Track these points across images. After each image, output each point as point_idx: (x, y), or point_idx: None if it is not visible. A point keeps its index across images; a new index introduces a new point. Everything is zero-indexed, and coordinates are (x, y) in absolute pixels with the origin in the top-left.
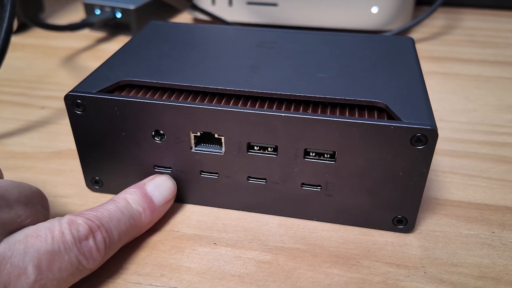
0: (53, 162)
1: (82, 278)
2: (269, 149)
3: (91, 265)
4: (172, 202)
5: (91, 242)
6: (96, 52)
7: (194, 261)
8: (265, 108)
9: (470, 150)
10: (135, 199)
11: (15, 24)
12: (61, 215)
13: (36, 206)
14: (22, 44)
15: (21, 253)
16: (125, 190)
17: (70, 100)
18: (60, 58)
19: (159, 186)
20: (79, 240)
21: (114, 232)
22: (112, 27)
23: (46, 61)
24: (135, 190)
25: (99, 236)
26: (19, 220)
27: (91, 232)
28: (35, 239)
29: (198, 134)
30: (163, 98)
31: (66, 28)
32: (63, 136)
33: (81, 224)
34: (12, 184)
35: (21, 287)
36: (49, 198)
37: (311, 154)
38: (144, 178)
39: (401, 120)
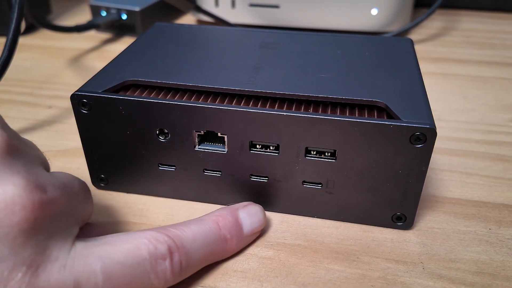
0: (59, 160)
1: None
2: (271, 147)
3: (161, 286)
4: (258, 234)
5: (167, 263)
6: (102, 52)
7: None
8: (267, 107)
9: (468, 149)
10: (226, 224)
11: (23, 25)
12: None
13: (90, 198)
14: (29, 45)
15: (95, 257)
16: (217, 211)
17: (76, 100)
18: (67, 59)
19: (252, 215)
20: (155, 260)
21: (193, 255)
22: (117, 28)
23: (53, 62)
24: (228, 213)
25: (176, 258)
26: (84, 211)
27: (170, 252)
28: (112, 247)
29: (202, 132)
30: (167, 98)
31: (72, 29)
32: (69, 135)
33: (161, 243)
34: (71, 176)
35: None
36: None
37: (312, 152)
38: (148, 176)
39: (400, 119)
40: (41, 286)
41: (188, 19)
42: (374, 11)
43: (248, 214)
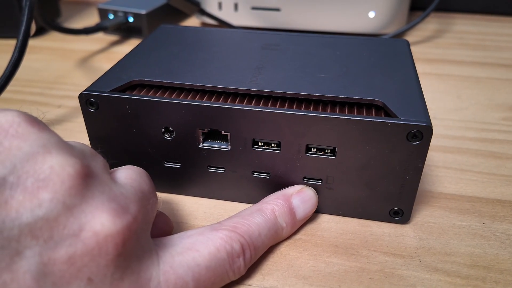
0: None
1: None
2: (272, 145)
3: (236, 278)
4: (309, 217)
5: (241, 259)
6: (109, 54)
7: None
8: (269, 106)
9: (462, 146)
10: (282, 213)
11: (34, 28)
12: None
13: (156, 194)
14: (40, 46)
15: (184, 267)
16: (272, 199)
17: (84, 99)
18: (76, 60)
19: (305, 202)
20: (232, 258)
21: (259, 248)
22: (124, 30)
23: (63, 63)
24: (283, 202)
25: (248, 255)
26: (155, 211)
27: (243, 250)
28: (194, 253)
29: (206, 131)
30: (173, 97)
31: (81, 31)
32: (78, 133)
33: (235, 242)
34: (137, 174)
35: None
36: None
37: (312, 149)
38: (154, 173)
39: (397, 117)
40: None
41: (193, 21)
42: (371, 14)
43: (302, 200)
